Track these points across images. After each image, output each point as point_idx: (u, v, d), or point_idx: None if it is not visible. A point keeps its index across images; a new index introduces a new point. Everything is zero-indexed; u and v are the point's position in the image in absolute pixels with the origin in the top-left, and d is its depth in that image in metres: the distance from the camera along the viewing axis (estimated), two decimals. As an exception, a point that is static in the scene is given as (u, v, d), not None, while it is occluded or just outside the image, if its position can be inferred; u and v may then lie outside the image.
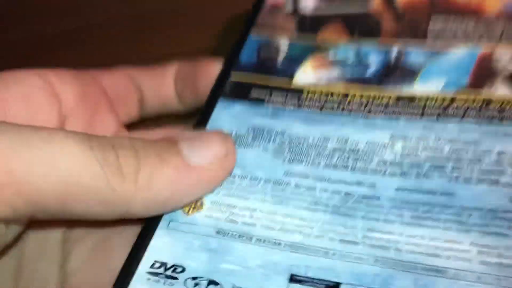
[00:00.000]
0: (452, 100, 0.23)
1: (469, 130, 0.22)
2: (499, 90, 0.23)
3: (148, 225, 0.21)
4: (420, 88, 0.24)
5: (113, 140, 0.20)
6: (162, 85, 0.29)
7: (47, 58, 0.40)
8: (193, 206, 0.22)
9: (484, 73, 0.24)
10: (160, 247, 0.21)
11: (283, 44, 0.29)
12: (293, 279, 0.19)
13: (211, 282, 0.19)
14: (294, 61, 0.27)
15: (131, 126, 0.29)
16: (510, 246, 0.18)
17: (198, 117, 0.26)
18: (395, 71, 0.26)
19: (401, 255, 0.19)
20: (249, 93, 0.26)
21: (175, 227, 0.21)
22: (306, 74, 0.27)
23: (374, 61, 0.26)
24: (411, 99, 0.24)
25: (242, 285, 0.19)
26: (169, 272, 0.20)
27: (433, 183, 0.21)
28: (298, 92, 0.26)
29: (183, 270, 0.20)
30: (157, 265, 0.20)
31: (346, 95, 0.25)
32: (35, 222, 0.22)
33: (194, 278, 0.19)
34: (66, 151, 0.19)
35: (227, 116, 0.25)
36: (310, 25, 0.29)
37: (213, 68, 0.28)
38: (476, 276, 0.18)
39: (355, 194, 0.21)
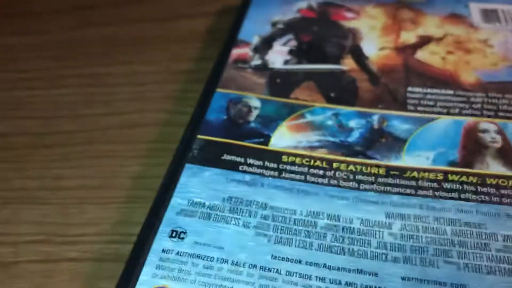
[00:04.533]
0: (445, 177, 0.22)
1: (468, 210, 0.21)
2: (492, 167, 0.22)
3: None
4: (409, 160, 0.23)
5: None
6: None
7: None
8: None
9: (472, 146, 0.23)
10: None
11: (254, 101, 0.26)
12: None
13: None
14: (268, 121, 0.25)
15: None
16: None
17: (162, 183, 0.22)
18: (380, 139, 0.24)
19: None
20: (220, 157, 0.23)
21: None
22: (283, 137, 0.24)
23: (355, 126, 0.24)
24: (402, 171, 0.22)
25: None
26: None
27: (440, 272, 0.19)
28: (276, 157, 0.23)
29: None
30: None
31: (331, 164, 0.23)
32: None
33: None
34: None
35: (197, 183, 0.22)
36: (280, 81, 0.27)
37: None
38: None
39: (357, 285, 0.18)
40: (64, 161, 0.27)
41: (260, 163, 0.23)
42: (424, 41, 0.29)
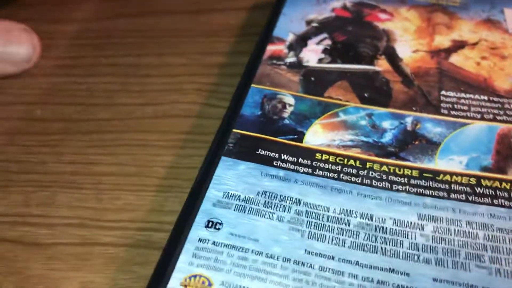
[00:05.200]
0: (478, 182, 0.22)
1: (501, 216, 0.21)
2: (525, 174, 0.22)
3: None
4: (442, 163, 0.23)
5: None
6: None
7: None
8: (199, 286, 0.18)
9: (506, 152, 0.23)
10: None
11: (288, 98, 0.26)
12: None
13: None
14: (302, 118, 0.25)
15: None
16: None
17: (199, 174, 0.22)
18: (413, 141, 0.24)
19: None
20: (254, 152, 0.23)
21: None
22: (316, 135, 0.24)
23: (388, 127, 0.25)
24: (435, 174, 0.22)
25: None
26: None
27: (472, 276, 0.19)
28: (310, 154, 0.23)
29: None
30: None
31: (364, 164, 0.23)
32: None
33: None
34: None
35: (232, 176, 0.22)
36: (315, 79, 0.27)
37: None
38: None
39: (389, 283, 0.19)
40: (99, 147, 0.27)
41: (294, 159, 0.23)
42: (458, 45, 0.29)
